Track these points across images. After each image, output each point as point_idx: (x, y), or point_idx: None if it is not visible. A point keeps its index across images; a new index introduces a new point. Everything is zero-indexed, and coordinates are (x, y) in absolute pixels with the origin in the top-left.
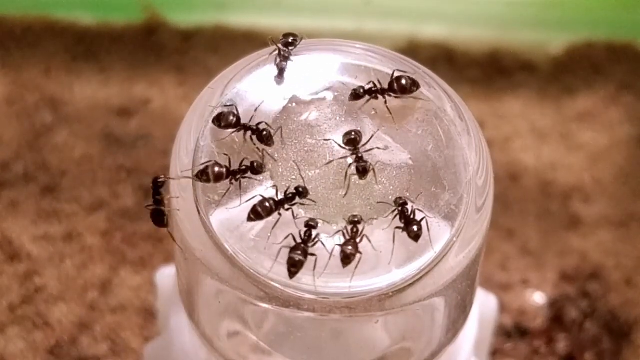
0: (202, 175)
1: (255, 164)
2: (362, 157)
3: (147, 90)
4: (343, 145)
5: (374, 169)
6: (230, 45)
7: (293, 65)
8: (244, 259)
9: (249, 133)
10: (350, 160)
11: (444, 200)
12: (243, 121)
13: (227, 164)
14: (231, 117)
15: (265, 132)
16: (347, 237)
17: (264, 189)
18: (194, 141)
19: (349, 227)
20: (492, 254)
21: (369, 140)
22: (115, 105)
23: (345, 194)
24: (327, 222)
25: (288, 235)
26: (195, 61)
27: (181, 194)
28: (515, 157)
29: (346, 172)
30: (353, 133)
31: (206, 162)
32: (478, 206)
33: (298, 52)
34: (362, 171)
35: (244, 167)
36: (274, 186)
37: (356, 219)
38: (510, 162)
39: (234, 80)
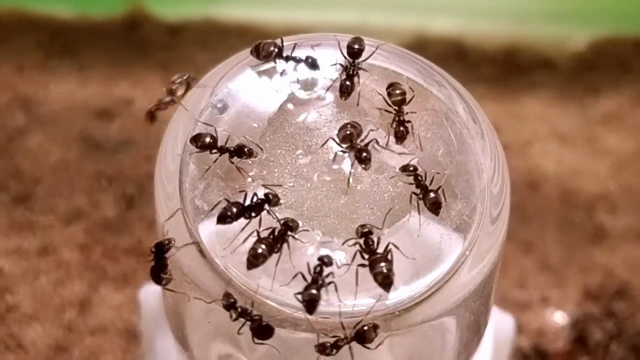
0: (226, 219)
1: (270, 196)
2: (362, 147)
3: (129, 90)
4: (339, 142)
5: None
6: (221, 41)
7: (291, 63)
8: (236, 275)
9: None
10: (348, 167)
11: (456, 210)
12: (236, 127)
13: (242, 201)
14: (207, 139)
15: (246, 149)
16: (368, 254)
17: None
18: (181, 145)
19: (361, 241)
20: (508, 269)
21: (367, 135)
22: (95, 106)
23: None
24: (329, 236)
25: (279, 250)
26: (183, 58)
27: (166, 203)
28: (534, 163)
29: (348, 179)
30: (349, 127)
31: (219, 204)
32: (493, 217)
33: (296, 47)
34: (365, 159)
35: (259, 201)
36: (242, 191)
37: (366, 229)
38: (529, 168)
39: (225, 79)
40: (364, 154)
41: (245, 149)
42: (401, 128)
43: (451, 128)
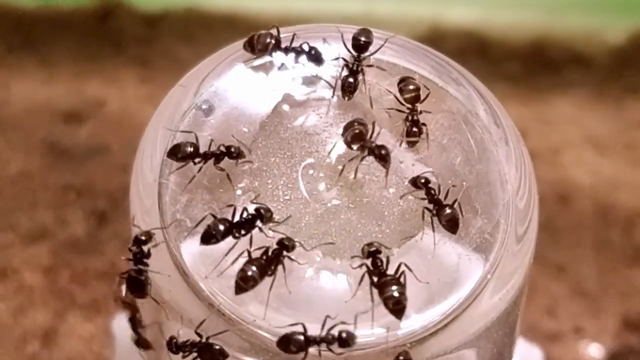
0: (211, 238)
1: (262, 211)
2: (377, 145)
3: (101, 89)
4: (348, 142)
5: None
6: (206, 33)
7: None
8: (224, 302)
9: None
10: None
11: (476, 227)
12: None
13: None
14: (188, 149)
15: (233, 149)
16: (377, 276)
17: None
18: (160, 153)
19: (368, 261)
20: (536, 295)
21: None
22: (62, 108)
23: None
24: (330, 256)
25: (273, 273)
26: (163, 52)
27: (144, 219)
28: (565, 173)
29: (354, 179)
30: (356, 125)
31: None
32: (518, 235)
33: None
34: (384, 156)
35: (250, 217)
36: (230, 205)
37: (373, 248)
38: (560, 179)
39: (210, 76)
40: (383, 151)
41: (233, 149)
42: (414, 128)
43: (470, 133)
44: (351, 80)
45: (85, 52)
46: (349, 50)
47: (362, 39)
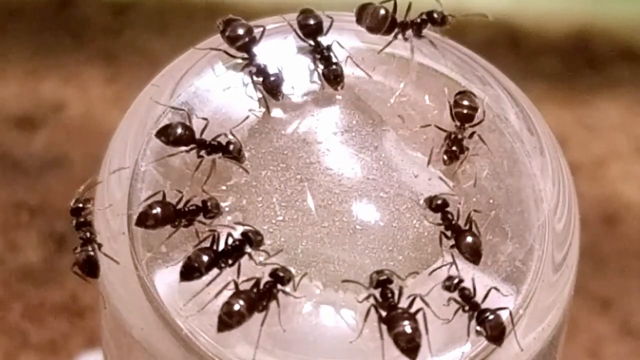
0: (193, 273)
1: (251, 235)
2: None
3: (60, 90)
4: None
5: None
6: (183, 24)
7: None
8: (206, 343)
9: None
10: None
11: (505, 254)
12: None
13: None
14: (181, 130)
15: (232, 146)
16: (386, 309)
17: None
18: (130, 165)
19: (377, 292)
20: (578, 334)
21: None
22: (13, 112)
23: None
24: (332, 288)
25: (265, 309)
26: (132, 46)
27: (110, 244)
28: (612, 190)
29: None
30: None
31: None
32: (556, 263)
33: (286, 31)
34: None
35: (237, 243)
36: (212, 231)
37: (383, 277)
38: (606, 196)
39: (189, 74)
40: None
41: (232, 146)
42: (454, 148)
43: (499, 141)
44: (335, 67)
45: (41, 46)
46: (304, 40)
47: (310, 22)
